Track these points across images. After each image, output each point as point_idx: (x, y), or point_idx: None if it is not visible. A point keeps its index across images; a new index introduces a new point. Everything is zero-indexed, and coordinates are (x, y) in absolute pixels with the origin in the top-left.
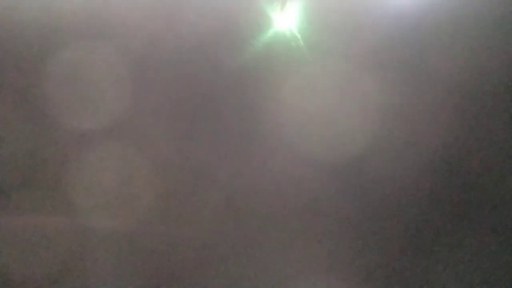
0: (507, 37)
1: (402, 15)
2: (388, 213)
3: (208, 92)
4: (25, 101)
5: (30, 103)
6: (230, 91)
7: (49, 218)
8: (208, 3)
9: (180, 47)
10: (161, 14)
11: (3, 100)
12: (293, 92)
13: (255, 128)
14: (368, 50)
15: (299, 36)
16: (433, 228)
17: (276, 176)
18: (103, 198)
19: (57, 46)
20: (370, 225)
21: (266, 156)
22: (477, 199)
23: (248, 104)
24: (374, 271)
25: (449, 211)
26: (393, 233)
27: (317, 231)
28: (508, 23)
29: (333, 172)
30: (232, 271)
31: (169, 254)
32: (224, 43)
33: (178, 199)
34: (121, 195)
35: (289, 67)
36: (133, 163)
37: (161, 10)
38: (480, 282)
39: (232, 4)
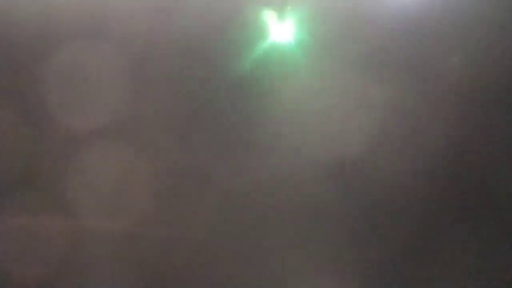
0: (507, 36)
1: (401, 25)
2: (388, 213)
3: (208, 94)
4: (25, 101)
5: (30, 103)
6: (230, 93)
7: (49, 218)
8: (208, 8)
9: (179, 50)
10: (160, 15)
11: (3, 100)
12: (292, 95)
13: (254, 129)
14: (367, 56)
15: (297, 41)
16: (434, 228)
17: (275, 177)
18: (103, 198)
19: (55, 45)
20: (370, 225)
21: (265, 158)
22: (477, 199)
23: (247, 106)
24: (374, 271)
25: (449, 211)
26: (393, 233)
27: (317, 231)
28: (508, 23)
29: (333, 173)
30: (232, 271)
31: (168, 255)
32: (223, 46)
33: (178, 200)
34: (121, 196)
35: (287, 70)
36: (132, 164)
37: (161, 12)
38: (481, 282)
39: (232, 8)
